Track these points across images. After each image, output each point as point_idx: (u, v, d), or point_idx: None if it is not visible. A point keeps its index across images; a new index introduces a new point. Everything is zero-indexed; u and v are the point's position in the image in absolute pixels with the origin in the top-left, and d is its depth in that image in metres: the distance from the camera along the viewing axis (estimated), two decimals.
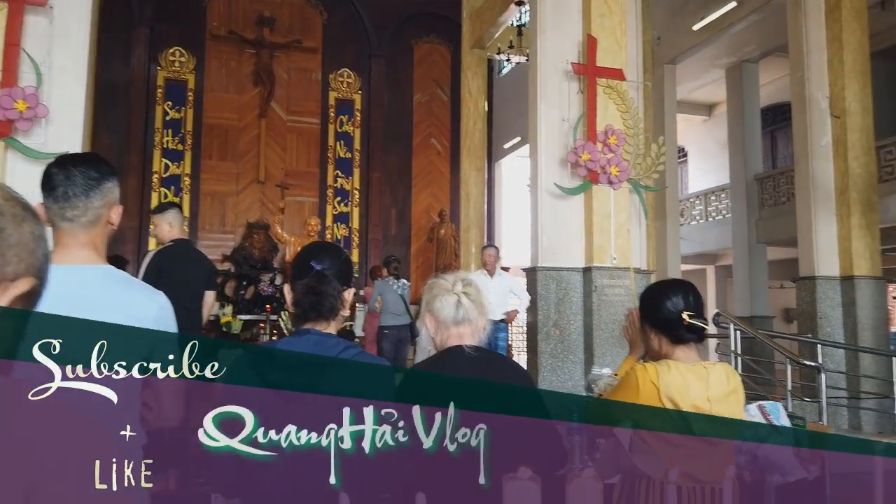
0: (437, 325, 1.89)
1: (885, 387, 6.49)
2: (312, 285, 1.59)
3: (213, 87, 13.86)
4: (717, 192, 12.55)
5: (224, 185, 13.82)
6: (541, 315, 6.59)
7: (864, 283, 7.01)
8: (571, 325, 6.62)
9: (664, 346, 1.88)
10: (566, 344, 6.57)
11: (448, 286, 1.88)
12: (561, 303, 6.64)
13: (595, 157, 6.57)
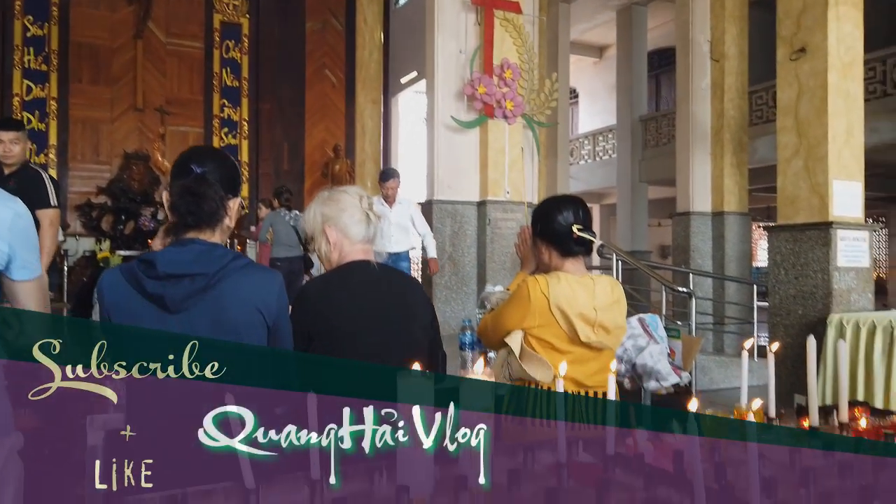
0: (343, 240, 1.83)
1: (746, 312, 7.14)
2: (190, 186, 1.48)
3: (81, 1, 12.61)
4: (605, 132, 13.03)
5: (97, 112, 12.74)
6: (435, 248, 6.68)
7: (733, 218, 7.58)
8: (465, 257, 6.78)
9: (554, 259, 1.95)
10: (460, 276, 6.73)
11: (356, 202, 1.82)
12: (455, 236, 6.76)
13: (491, 90, 6.61)
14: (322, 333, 1.77)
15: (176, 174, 1.54)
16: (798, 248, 3.95)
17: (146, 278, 1.43)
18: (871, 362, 3.47)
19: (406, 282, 1.98)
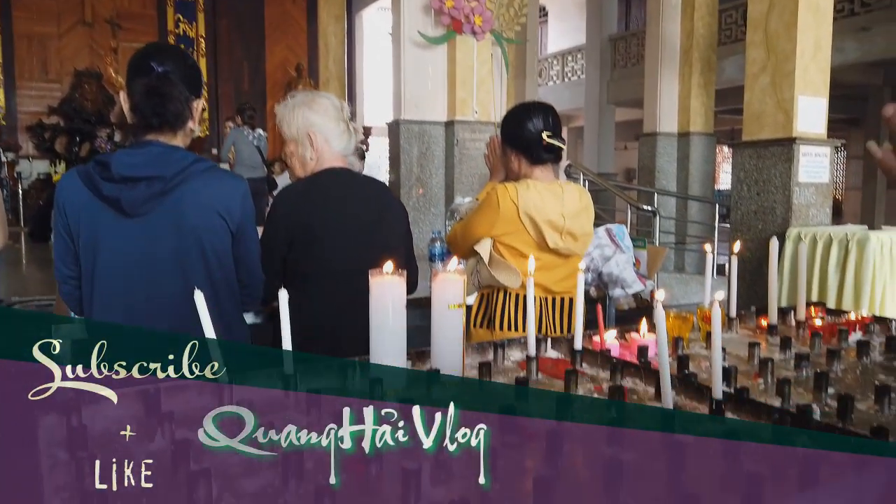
0: (325, 147, 1.80)
1: (707, 231, 7.30)
2: (154, 86, 1.42)
3: None
4: (574, 52, 12.81)
5: (43, 26, 12.03)
6: (403, 169, 6.61)
7: (698, 139, 7.62)
8: (433, 179, 6.73)
9: (523, 166, 1.94)
10: (428, 197, 6.70)
11: (338, 112, 1.78)
12: (423, 157, 6.68)
13: (459, 4, 6.40)
14: (302, 240, 1.75)
15: (134, 73, 1.46)
16: (761, 164, 4.01)
17: (102, 181, 1.39)
18: (826, 273, 3.60)
19: (383, 190, 1.97)
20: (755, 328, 1.70)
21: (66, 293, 1.50)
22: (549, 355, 1.40)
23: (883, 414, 1.09)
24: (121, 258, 1.40)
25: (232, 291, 1.54)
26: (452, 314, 1.18)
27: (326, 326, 1.74)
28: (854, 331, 1.59)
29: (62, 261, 1.46)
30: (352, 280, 1.77)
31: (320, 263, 1.75)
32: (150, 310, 1.41)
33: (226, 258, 1.51)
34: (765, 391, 1.21)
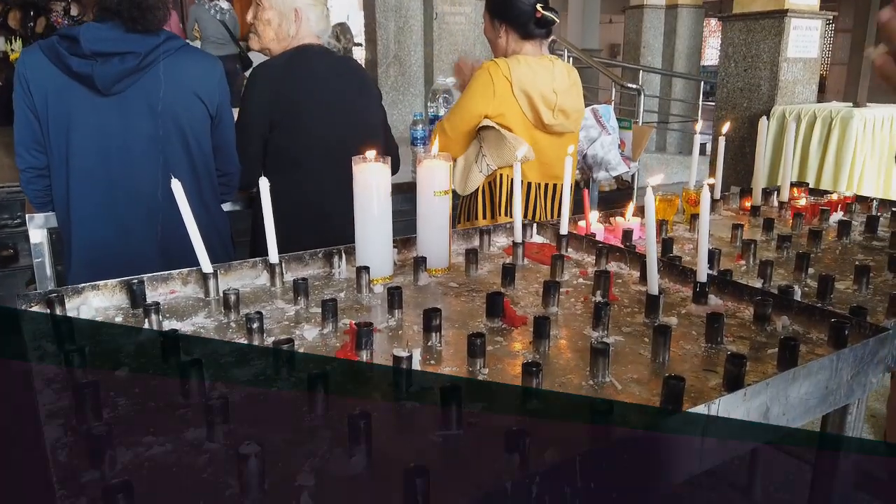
0: (305, 26, 1.72)
1: (690, 110, 7.20)
2: None
3: None
4: None
5: None
6: (380, 46, 6.32)
7: (686, 11, 7.34)
8: (411, 56, 6.45)
9: (512, 42, 1.85)
10: (407, 76, 6.46)
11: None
12: (400, 32, 6.37)
13: None
14: (286, 117, 1.68)
15: None
16: (750, 38, 3.88)
17: (70, 56, 1.30)
18: (808, 151, 3.60)
19: (360, 69, 1.89)
20: (738, 209, 1.71)
21: (31, 187, 1.40)
22: (535, 240, 1.40)
23: (861, 293, 1.12)
24: (96, 138, 1.33)
25: (211, 177, 1.50)
26: (438, 201, 1.16)
27: (314, 209, 1.72)
28: (836, 210, 1.60)
29: (25, 147, 1.36)
30: (338, 159, 1.74)
31: (307, 143, 1.70)
32: (128, 194, 1.36)
33: (205, 142, 1.45)
34: (747, 272, 1.23)
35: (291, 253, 1.18)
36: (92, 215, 1.36)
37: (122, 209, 1.36)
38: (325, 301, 0.94)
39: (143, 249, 1.38)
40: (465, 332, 0.92)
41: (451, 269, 1.21)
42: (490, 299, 0.97)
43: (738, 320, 0.98)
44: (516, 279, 1.13)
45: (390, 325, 0.96)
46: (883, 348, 0.85)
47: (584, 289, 1.12)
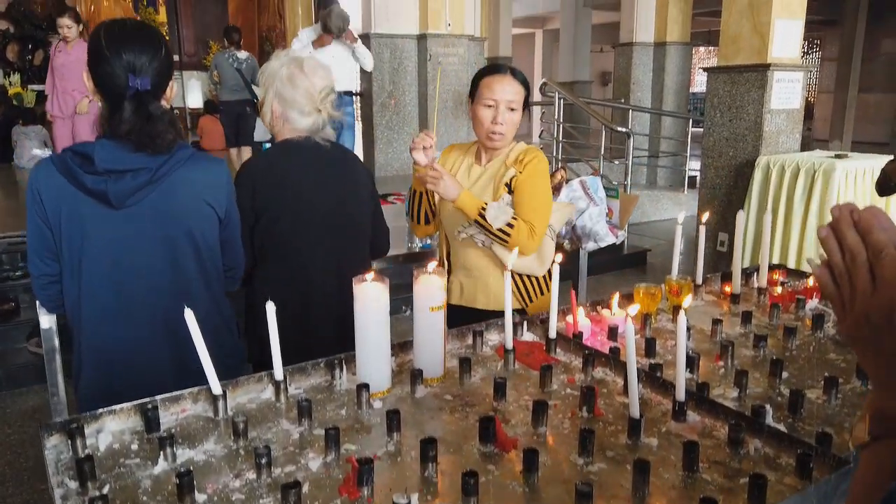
0: (286, 123, 1.80)
1: (679, 147, 7.34)
2: (139, 124, 1.34)
3: None
4: None
5: None
6: (375, 86, 6.44)
7: (674, 48, 7.51)
8: (406, 95, 6.57)
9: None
10: (401, 115, 6.58)
11: (312, 102, 1.75)
12: (395, 73, 6.50)
13: None
14: (269, 211, 1.77)
15: (102, 76, 1.36)
16: (735, 90, 4.00)
17: (84, 173, 1.36)
18: (792, 202, 3.70)
19: (347, 155, 1.97)
20: (720, 294, 1.79)
21: (44, 293, 1.45)
22: (526, 338, 1.48)
23: (830, 405, 1.19)
24: (109, 248, 1.39)
25: (219, 274, 1.56)
26: (434, 316, 1.24)
27: (302, 296, 1.80)
28: (811, 298, 1.69)
29: (39, 256, 1.41)
30: (325, 249, 1.82)
31: (291, 235, 1.79)
32: (139, 299, 1.43)
33: (214, 243, 1.52)
34: (725, 376, 1.31)
35: (294, 365, 1.25)
36: (102, 319, 1.42)
37: (133, 313, 1.42)
38: (328, 429, 1.01)
39: (154, 351, 1.44)
40: (461, 457, 0.99)
41: (445, 376, 1.28)
42: (482, 424, 1.04)
43: (714, 440, 1.05)
44: (507, 388, 1.20)
45: (389, 451, 1.03)
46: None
47: (571, 401, 1.19)
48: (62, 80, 5.10)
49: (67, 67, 5.03)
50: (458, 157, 2.01)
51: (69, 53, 5.06)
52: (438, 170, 1.80)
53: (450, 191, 1.80)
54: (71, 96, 5.07)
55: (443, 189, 1.80)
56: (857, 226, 0.58)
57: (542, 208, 1.88)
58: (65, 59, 5.07)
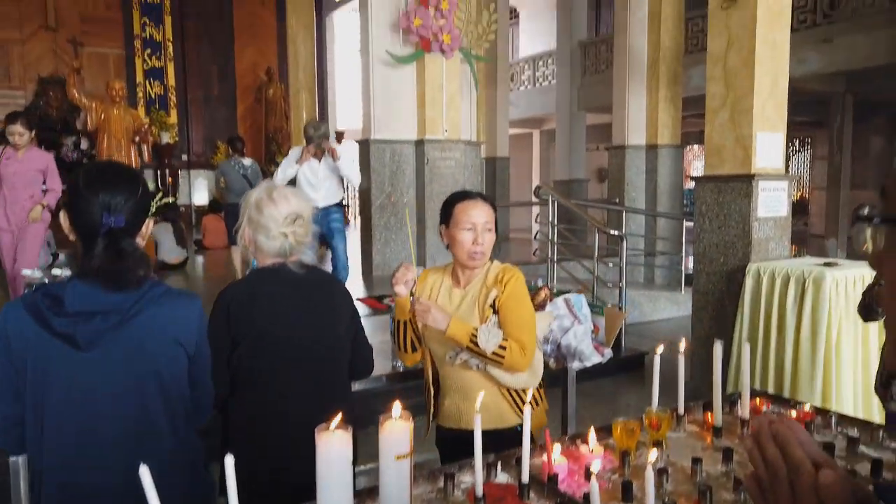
0: (257, 250, 1.85)
1: (675, 246, 7.41)
2: (109, 261, 1.37)
3: None
4: (545, 57, 12.84)
5: (4, 31, 11.77)
6: (374, 188, 6.60)
7: (666, 151, 7.72)
8: (404, 197, 6.72)
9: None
10: (399, 217, 6.70)
11: (279, 219, 1.80)
12: (394, 176, 6.67)
13: (427, 22, 6.38)
14: (246, 339, 1.77)
15: (80, 214, 1.40)
16: (722, 198, 4.08)
17: (53, 316, 1.37)
18: (784, 310, 3.69)
19: (324, 279, 1.99)
20: (702, 424, 1.75)
21: (5, 437, 1.43)
22: (499, 480, 1.44)
23: None
24: (73, 390, 1.39)
25: (187, 411, 1.55)
26: (400, 465, 1.21)
27: (278, 423, 1.77)
28: None
29: (2, 397, 1.40)
30: (302, 373, 1.81)
31: (267, 361, 1.78)
32: (103, 443, 1.41)
33: (182, 381, 1.51)
34: None
35: None
36: (63, 465, 1.40)
37: (96, 458, 1.40)
38: None
39: (117, 499, 1.40)
40: None
41: None
42: None
43: None
44: None
45: None
46: None
47: None
48: (12, 190, 4.78)
49: (19, 176, 4.77)
50: (437, 280, 2.04)
51: (20, 161, 4.78)
52: (425, 303, 1.83)
53: (439, 321, 1.84)
54: (21, 206, 4.78)
55: (432, 321, 1.84)
56: (775, 439, 0.58)
57: (528, 325, 1.93)
58: (16, 168, 4.77)
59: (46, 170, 4.87)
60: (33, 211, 4.78)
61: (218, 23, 13.57)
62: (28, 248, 4.86)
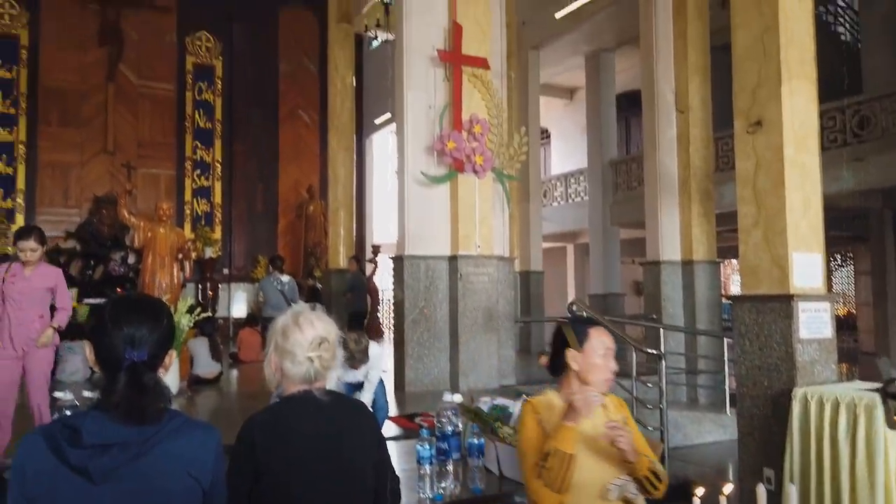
0: (283, 376, 1.85)
1: (717, 364, 7.17)
2: (129, 395, 1.37)
3: (51, 44, 12.52)
4: (577, 175, 13.16)
5: (67, 155, 12.63)
6: (408, 303, 6.63)
7: (702, 267, 7.65)
8: (437, 312, 6.71)
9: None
10: (432, 332, 6.67)
11: (305, 345, 1.80)
12: (427, 291, 6.71)
13: (461, 145, 6.64)
14: (270, 471, 1.74)
15: (102, 349, 1.44)
16: (761, 319, 3.97)
17: (69, 447, 1.36)
18: (836, 441, 3.47)
19: (351, 407, 1.96)
20: None
21: None
22: None
23: None
24: None
25: None
26: None
27: None
28: None
29: None
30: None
31: (284, 499, 1.73)
32: None
33: None
34: None
35: None
36: None
37: None
38: None
39: None
40: None
41: None
42: None
43: None
44: None
45: None
46: None
47: None
48: (19, 311, 4.29)
49: (27, 294, 4.32)
50: (552, 408, 2.01)
51: (28, 279, 4.33)
52: (623, 427, 1.84)
53: (631, 449, 1.86)
54: (28, 328, 4.29)
55: (627, 444, 1.84)
56: None
57: (647, 449, 1.97)
58: (24, 286, 4.32)
59: (56, 287, 4.44)
60: (44, 336, 4.33)
61: (265, 145, 14.37)
62: (39, 376, 4.38)
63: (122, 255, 12.19)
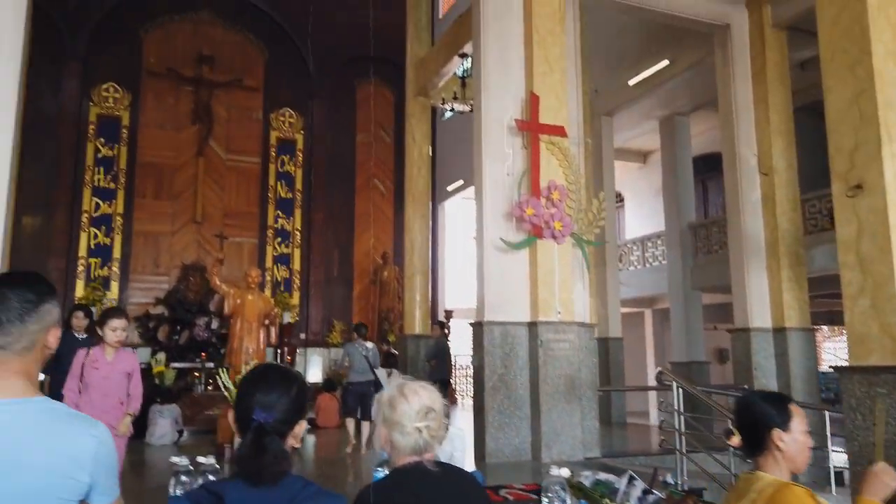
0: (393, 448, 1.84)
1: (817, 439, 6.71)
2: (250, 454, 1.43)
3: (149, 124, 13.48)
4: (654, 238, 12.93)
5: (158, 225, 13.38)
6: (487, 369, 6.55)
7: (795, 334, 7.29)
8: (517, 379, 6.59)
9: None
10: (512, 399, 6.54)
11: (410, 421, 1.81)
12: (507, 357, 6.62)
13: (539, 211, 6.67)
14: None
15: (240, 410, 1.53)
16: (873, 391, 3.73)
17: None
18: None
19: (461, 478, 1.93)
20: None
21: None
22: None
23: None
24: None
25: None
26: None
27: None
28: None
29: None
30: None
31: None
32: None
33: None
34: None
35: None
36: None
37: None
38: None
39: None
40: None
41: None
42: None
43: None
44: None
45: None
46: None
47: None
48: (105, 397, 4.05)
49: (111, 381, 4.09)
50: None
51: (112, 364, 4.11)
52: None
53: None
54: (111, 415, 4.01)
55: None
56: None
57: None
58: (108, 371, 4.09)
59: (133, 373, 4.22)
60: (122, 426, 4.08)
61: (342, 213, 14.85)
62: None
63: (206, 320, 12.67)
